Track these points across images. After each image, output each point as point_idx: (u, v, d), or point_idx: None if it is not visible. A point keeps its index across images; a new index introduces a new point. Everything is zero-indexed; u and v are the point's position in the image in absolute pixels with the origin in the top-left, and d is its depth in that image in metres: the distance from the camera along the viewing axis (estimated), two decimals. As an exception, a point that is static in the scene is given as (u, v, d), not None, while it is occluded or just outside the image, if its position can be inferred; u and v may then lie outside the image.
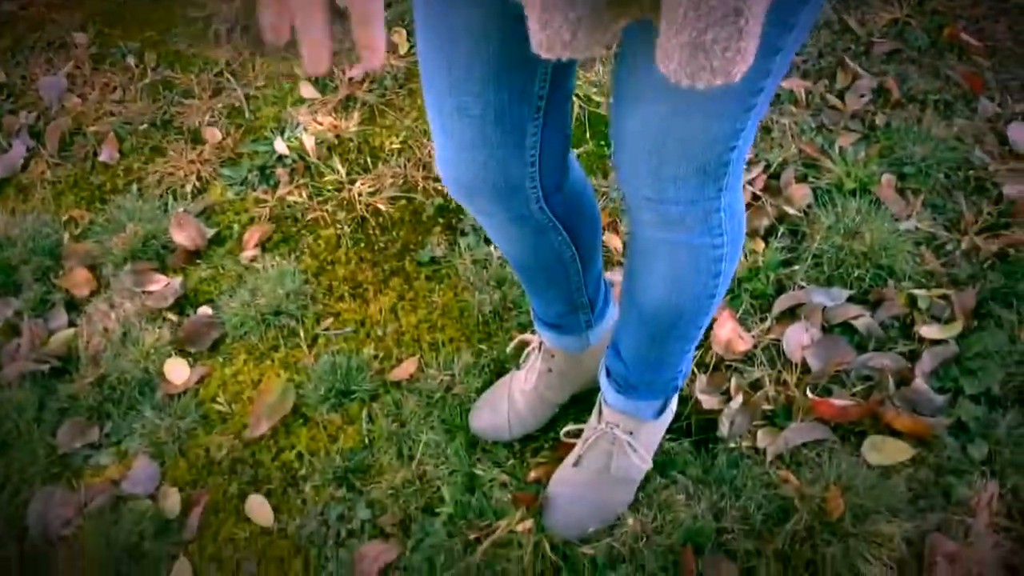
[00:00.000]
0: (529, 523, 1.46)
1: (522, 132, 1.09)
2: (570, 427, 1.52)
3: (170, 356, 1.79)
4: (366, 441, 1.62)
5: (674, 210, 1.07)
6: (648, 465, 1.46)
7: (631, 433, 1.43)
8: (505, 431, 1.56)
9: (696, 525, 1.45)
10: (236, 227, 2.01)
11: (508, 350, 1.67)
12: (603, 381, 1.43)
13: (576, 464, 1.48)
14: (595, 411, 1.47)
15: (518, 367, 1.60)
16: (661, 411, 1.45)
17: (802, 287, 1.75)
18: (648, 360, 1.34)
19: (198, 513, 1.56)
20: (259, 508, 1.56)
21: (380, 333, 1.78)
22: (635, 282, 1.23)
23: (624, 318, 1.33)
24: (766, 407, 1.59)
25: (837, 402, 1.56)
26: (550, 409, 1.58)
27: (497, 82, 1.03)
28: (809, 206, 1.89)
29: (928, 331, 1.66)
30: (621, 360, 1.37)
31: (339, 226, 1.97)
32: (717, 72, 0.75)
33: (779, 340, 1.68)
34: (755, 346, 1.68)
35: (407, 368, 1.70)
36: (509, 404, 1.55)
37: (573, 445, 1.51)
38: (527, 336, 1.59)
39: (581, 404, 1.61)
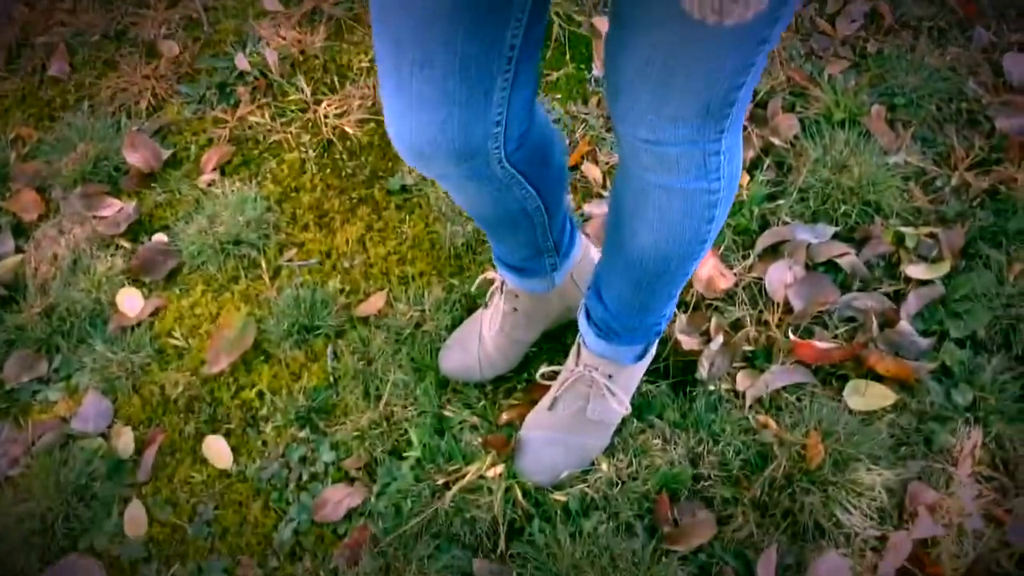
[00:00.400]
0: (500, 468, 1.41)
1: (489, 88, 0.98)
2: (546, 369, 1.46)
3: (123, 286, 1.70)
4: (331, 380, 1.55)
5: (671, 152, 0.99)
6: (626, 410, 1.40)
7: (610, 376, 1.37)
8: (476, 372, 1.49)
9: (672, 471, 1.40)
10: (193, 148, 1.90)
11: (473, 288, 1.59)
12: (582, 324, 1.36)
13: (551, 407, 1.42)
14: (572, 353, 1.41)
15: (485, 305, 1.53)
16: (642, 355, 1.38)
17: (786, 223, 1.68)
18: (632, 306, 1.28)
19: (152, 453, 1.49)
20: (217, 449, 1.49)
21: (347, 265, 1.69)
22: (622, 226, 1.15)
23: (608, 261, 1.25)
24: (746, 348, 1.53)
25: (819, 344, 1.51)
26: (521, 348, 1.52)
27: (467, 30, 0.91)
28: (796, 137, 1.81)
29: (914, 271, 1.60)
30: (602, 304, 1.30)
31: (304, 150, 1.87)
32: (750, 4, 0.66)
33: (761, 278, 1.62)
34: (737, 284, 1.62)
35: (375, 303, 1.62)
36: (479, 344, 1.48)
37: (547, 387, 1.45)
38: (490, 274, 1.51)
39: (556, 342, 1.55)
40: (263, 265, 1.70)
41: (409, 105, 0.97)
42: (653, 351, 1.42)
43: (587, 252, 1.49)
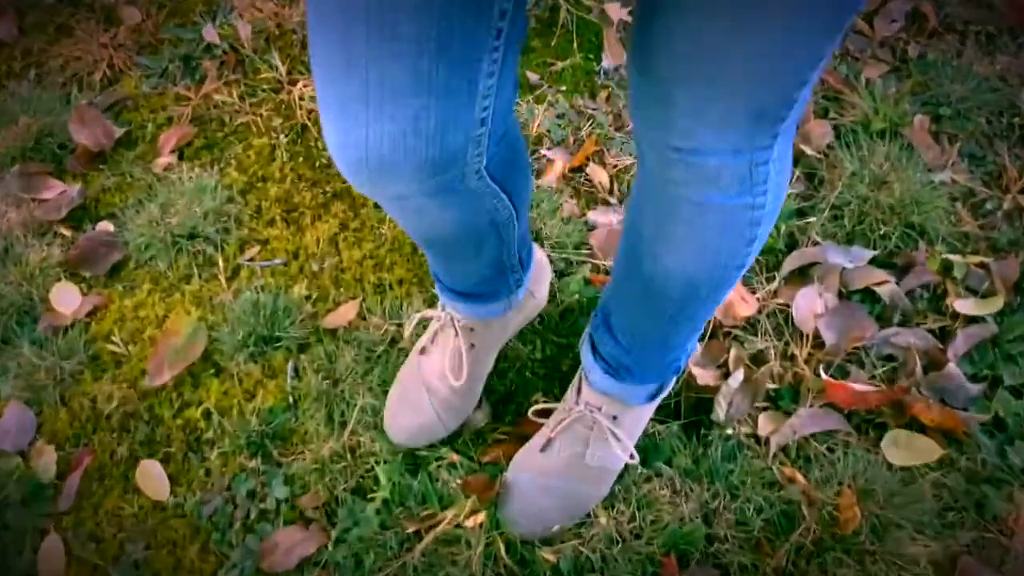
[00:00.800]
0: (481, 516, 1.20)
1: (475, 74, 0.73)
2: (539, 406, 1.25)
3: (59, 280, 1.48)
4: (290, 401, 1.34)
5: (711, 163, 0.78)
6: (630, 457, 1.19)
7: (614, 418, 1.17)
8: (439, 428, 1.27)
9: (682, 529, 1.20)
10: (150, 127, 1.69)
11: (407, 334, 1.36)
12: (587, 358, 1.16)
13: (544, 449, 1.21)
14: (573, 388, 1.21)
15: (423, 351, 1.29)
16: (654, 395, 1.18)
17: (817, 243, 1.48)
18: (649, 340, 1.07)
19: (77, 478, 1.28)
20: (152, 476, 1.28)
21: (315, 268, 1.48)
22: (642, 247, 0.95)
23: (621, 287, 1.05)
24: (770, 386, 1.33)
25: (855, 386, 1.31)
26: (482, 381, 1.30)
27: None
28: (830, 146, 1.61)
29: (963, 305, 1.40)
30: (613, 337, 1.09)
31: (274, 134, 1.66)
32: None
33: (788, 305, 1.41)
34: (760, 311, 1.42)
35: (345, 313, 1.41)
36: (430, 395, 1.26)
37: (540, 423, 1.25)
38: (429, 312, 1.29)
39: (552, 369, 1.35)
40: (220, 264, 1.48)
41: (365, 94, 0.71)
42: (668, 390, 1.21)
43: (535, 252, 1.30)
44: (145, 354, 1.39)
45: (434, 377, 1.26)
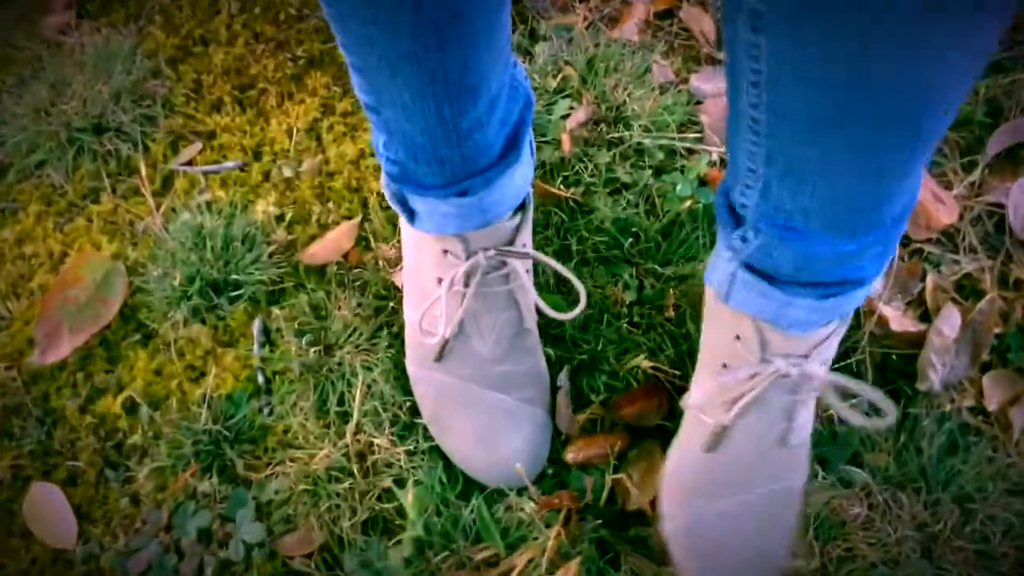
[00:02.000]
0: (573, 567, 0.75)
1: None
2: (699, 394, 0.75)
3: (-96, 204, 1.00)
4: (258, 382, 0.87)
5: None
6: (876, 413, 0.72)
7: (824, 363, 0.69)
8: (546, 419, 0.82)
9: (893, 572, 0.75)
10: (36, -26, 1.18)
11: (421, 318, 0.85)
12: (754, 290, 0.65)
13: (714, 446, 0.73)
14: (750, 340, 0.68)
15: (440, 355, 0.80)
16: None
17: (1031, 111, 1.01)
18: (856, 197, 0.56)
19: (-69, 518, 0.83)
20: (50, 510, 0.83)
21: (288, 173, 0.99)
22: (792, 34, 0.46)
23: (765, 135, 0.54)
24: (996, 331, 0.87)
25: (1124, 327, 0.86)
26: (535, 342, 0.84)
27: None
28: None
29: None
30: (792, 230, 0.59)
31: (217, -22, 1.15)
32: None
33: (1000, 206, 0.95)
34: (961, 216, 0.95)
35: (337, 241, 0.94)
36: (508, 391, 0.81)
37: (659, 385, 0.79)
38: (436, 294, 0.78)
39: (654, 309, 0.88)
40: (142, 171, 0.99)
41: None
42: (889, 259, 0.68)
43: None
44: (33, 314, 0.91)
45: (485, 386, 0.80)
